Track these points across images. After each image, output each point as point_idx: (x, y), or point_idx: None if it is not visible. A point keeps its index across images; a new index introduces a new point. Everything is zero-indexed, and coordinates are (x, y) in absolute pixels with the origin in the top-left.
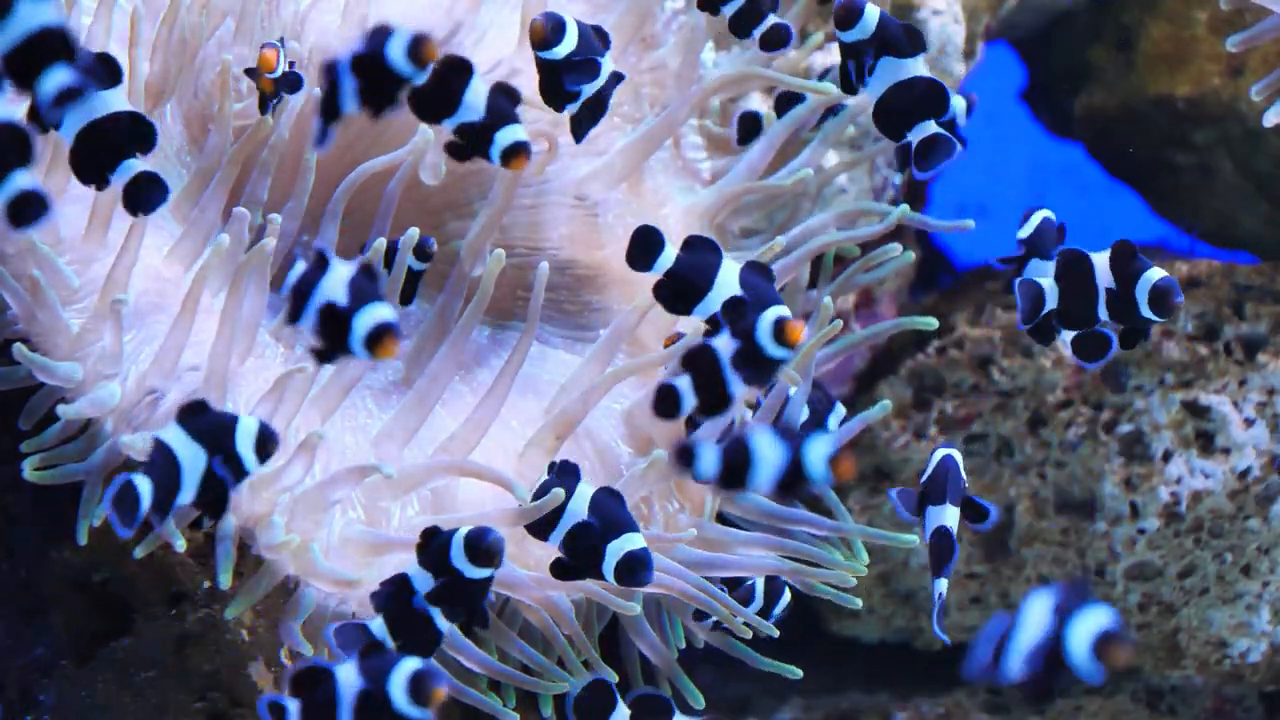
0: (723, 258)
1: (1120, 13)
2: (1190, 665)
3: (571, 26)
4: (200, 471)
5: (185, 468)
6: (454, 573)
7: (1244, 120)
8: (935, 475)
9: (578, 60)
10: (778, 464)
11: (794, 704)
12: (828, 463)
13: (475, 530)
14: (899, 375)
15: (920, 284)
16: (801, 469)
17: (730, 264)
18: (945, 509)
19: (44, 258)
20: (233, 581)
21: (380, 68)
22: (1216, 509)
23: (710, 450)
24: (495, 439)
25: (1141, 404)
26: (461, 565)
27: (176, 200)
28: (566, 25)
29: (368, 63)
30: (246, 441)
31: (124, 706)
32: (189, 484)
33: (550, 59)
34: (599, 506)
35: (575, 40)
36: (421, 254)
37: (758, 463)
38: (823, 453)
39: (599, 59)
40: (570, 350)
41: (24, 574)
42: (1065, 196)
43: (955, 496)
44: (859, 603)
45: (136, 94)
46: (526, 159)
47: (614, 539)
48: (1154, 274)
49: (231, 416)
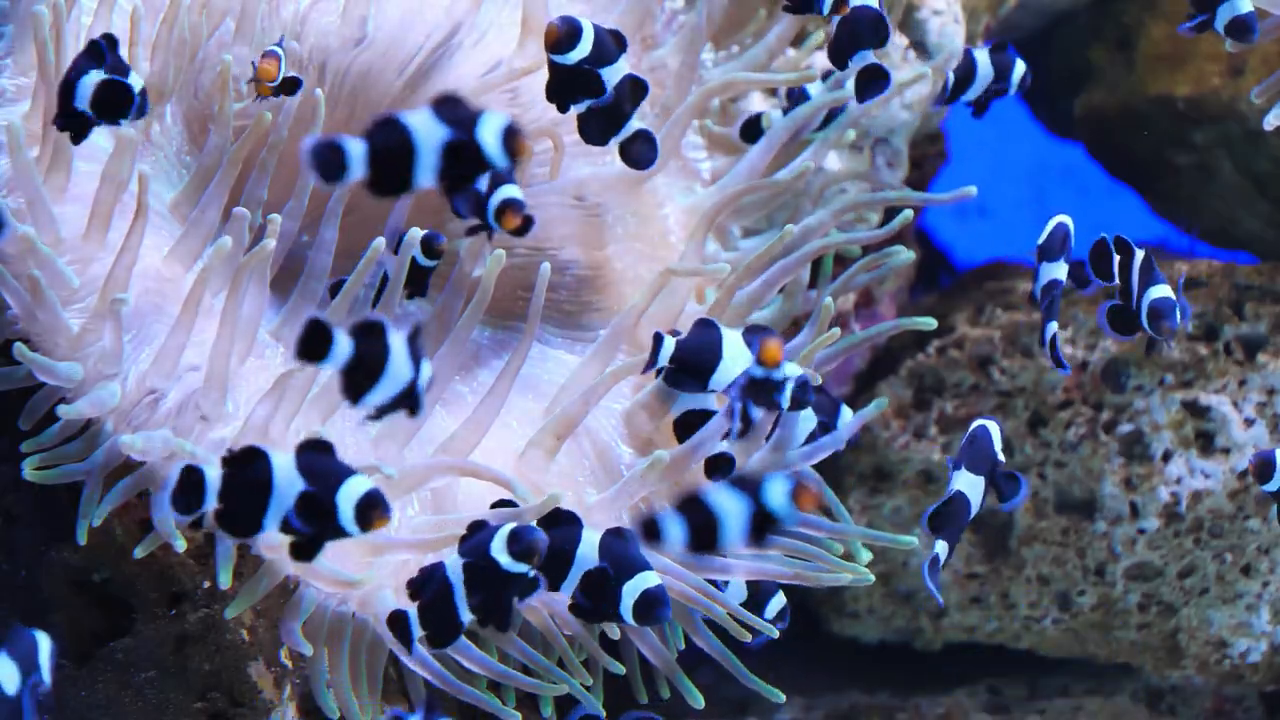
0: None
1: (1120, 13)
2: (1190, 665)
3: (588, 32)
4: (289, 501)
5: (277, 492)
6: (491, 564)
7: (1244, 120)
8: (967, 442)
9: (586, 70)
10: (742, 517)
11: (794, 704)
12: (790, 499)
13: (520, 526)
14: (899, 375)
15: (920, 284)
16: (767, 514)
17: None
18: (962, 473)
19: (44, 258)
20: (233, 581)
21: (471, 153)
22: (1216, 509)
23: (674, 522)
24: (495, 439)
25: (1141, 404)
26: (500, 558)
27: (176, 200)
28: (582, 30)
29: (458, 147)
30: (350, 497)
31: (124, 706)
32: (274, 510)
33: (562, 63)
34: (609, 550)
35: (590, 47)
36: (430, 251)
37: (723, 521)
38: (782, 491)
39: (603, 72)
40: (570, 350)
41: (24, 574)
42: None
43: (980, 466)
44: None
45: None
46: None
47: (628, 579)
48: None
49: (347, 469)
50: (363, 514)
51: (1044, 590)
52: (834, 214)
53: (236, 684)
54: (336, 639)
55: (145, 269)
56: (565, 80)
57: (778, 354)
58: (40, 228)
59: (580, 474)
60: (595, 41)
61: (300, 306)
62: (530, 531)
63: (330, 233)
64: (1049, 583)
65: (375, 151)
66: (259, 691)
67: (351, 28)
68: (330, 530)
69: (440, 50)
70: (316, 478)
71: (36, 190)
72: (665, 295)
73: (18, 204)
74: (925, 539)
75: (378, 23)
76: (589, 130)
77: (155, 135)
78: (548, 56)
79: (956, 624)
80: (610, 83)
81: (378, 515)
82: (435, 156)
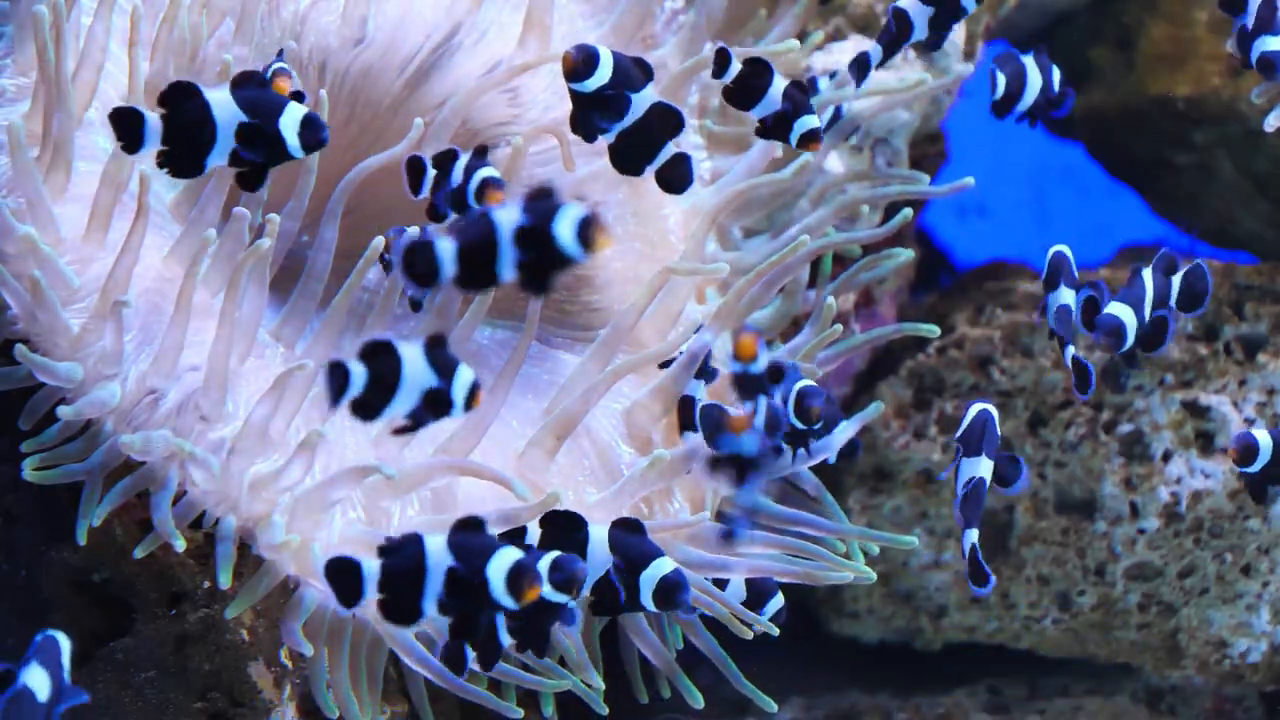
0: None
1: (1120, 13)
2: (1190, 665)
3: (605, 59)
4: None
5: (429, 567)
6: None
7: (1244, 120)
8: (970, 428)
9: (609, 95)
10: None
11: (794, 704)
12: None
13: (563, 556)
14: (899, 375)
15: (920, 284)
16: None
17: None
18: (980, 461)
19: (44, 258)
20: (233, 581)
21: (547, 245)
22: (1216, 509)
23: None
24: (495, 439)
25: (1141, 404)
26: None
27: (176, 200)
28: (599, 58)
29: (532, 236)
30: (500, 570)
31: (124, 706)
32: (430, 587)
33: (581, 91)
34: (619, 543)
35: (609, 73)
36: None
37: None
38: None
39: (630, 95)
40: (570, 350)
41: (24, 574)
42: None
43: (990, 450)
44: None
45: (136, 94)
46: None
47: (644, 569)
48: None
49: (495, 543)
50: (514, 584)
51: (1044, 590)
52: (833, 212)
53: (236, 684)
54: (336, 639)
55: (145, 269)
56: (586, 108)
57: (752, 348)
58: (41, 228)
59: (580, 473)
60: (615, 70)
61: (300, 306)
62: (572, 563)
63: (330, 233)
64: (1049, 583)
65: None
66: (259, 691)
67: (351, 28)
68: (485, 604)
69: (440, 50)
70: (465, 555)
71: (37, 190)
72: (665, 295)
73: (18, 204)
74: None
75: (378, 23)
76: (622, 160)
77: None
78: (568, 86)
79: (956, 624)
80: (639, 110)
81: (529, 585)
82: (512, 248)
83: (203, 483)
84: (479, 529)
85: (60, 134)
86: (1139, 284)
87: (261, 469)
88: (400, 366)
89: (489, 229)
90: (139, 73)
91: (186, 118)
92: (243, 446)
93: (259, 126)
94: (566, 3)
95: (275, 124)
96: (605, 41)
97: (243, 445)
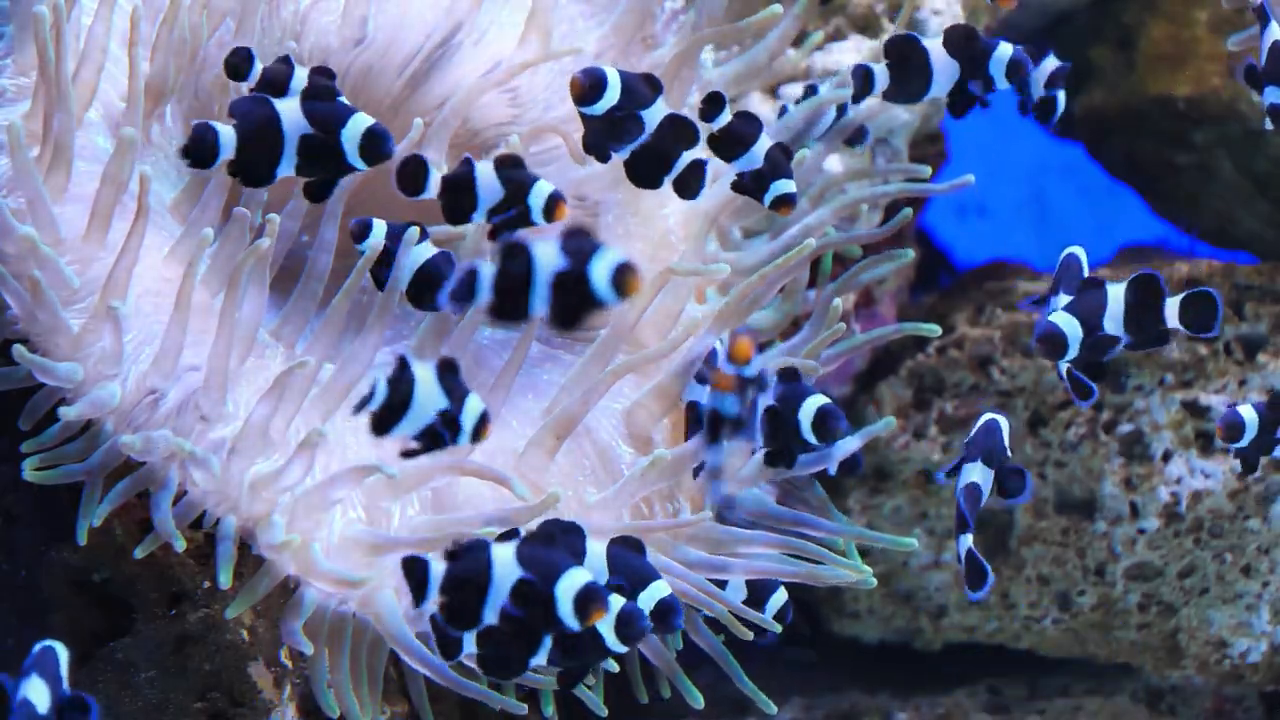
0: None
1: (1120, 13)
2: (1190, 665)
3: (614, 80)
4: (506, 590)
5: (495, 581)
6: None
7: (1244, 120)
8: (975, 436)
9: (621, 117)
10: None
11: (794, 704)
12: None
13: (630, 609)
14: (899, 375)
15: (920, 284)
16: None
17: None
18: (977, 466)
19: (45, 258)
20: (233, 581)
21: (583, 288)
22: (1216, 509)
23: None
24: (495, 439)
25: (1141, 404)
26: (606, 631)
27: (176, 200)
28: (608, 80)
29: (569, 279)
30: (569, 590)
31: (124, 706)
32: (493, 601)
33: (591, 114)
34: (617, 562)
35: (618, 94)
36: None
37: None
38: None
39: (641, 113)
40: (570, 350)
41: (24, 574)
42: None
43: (989, 457)
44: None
45: (136, 94)
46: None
47: (641, 590)
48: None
49: (567, 561)
50: (582, 607)
51: (1044, 590)
52: (833, 212)
53: (236, 684)
54: (337, 639)
55: (146, 269)
56: (598, 131)
57: (748, 350)
58: (41, 228)
59: (580, 473)
60: (624, 89)
61: (300, 306)
62: (640, 619)
63: (330, 233)
64: (1049, 583)
65: (499, 275)
66: (259, 691)
67: (351, 27)
68: (550, 623)
69: (440, 50)
70: (537, 569)
71: (37, 190)
72: (665, 295)
73: (18, 204)
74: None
75: (378, 23)
76: (638, 175)
77: (155, 135)
78: (578, 110)
79: (956, 624)
80: (651, 124)
81: (595, 609)
82: (548, 288)
83: (203, 483)
84: (550, 542)
85: (60, 134)
86: (1098, 296)
87: (262, 469)
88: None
89: (527, 266)
90: (139, 73)
91: (256, 129)
92: (243, 446)
93: (322, 139)
94: (567, 3)
95: (338, 136)
96: (605, 41)
97: (243, 445)
